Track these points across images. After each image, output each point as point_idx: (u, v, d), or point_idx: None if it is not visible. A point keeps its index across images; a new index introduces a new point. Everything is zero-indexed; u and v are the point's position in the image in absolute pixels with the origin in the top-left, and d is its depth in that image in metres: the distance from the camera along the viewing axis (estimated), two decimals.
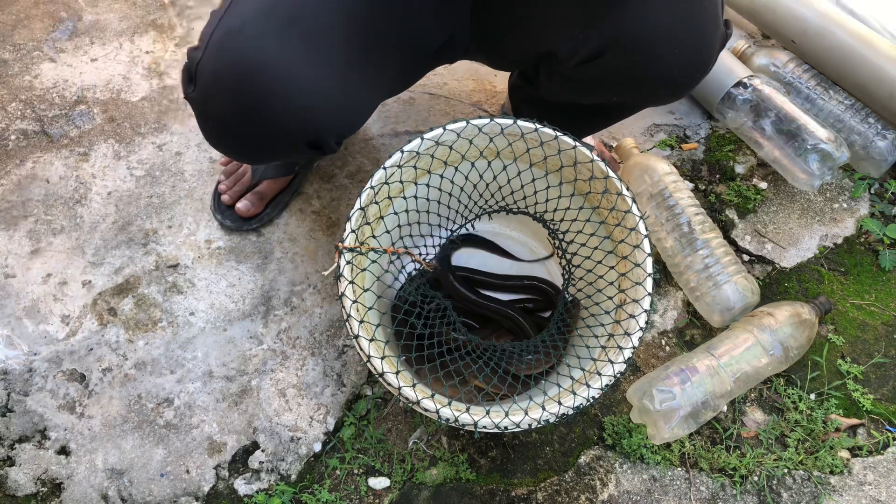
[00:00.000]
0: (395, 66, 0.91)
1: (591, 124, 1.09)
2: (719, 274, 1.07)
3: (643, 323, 0.84)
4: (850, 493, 0.99)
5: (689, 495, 0.99)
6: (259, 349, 1.08)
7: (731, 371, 0.99)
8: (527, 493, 0.98)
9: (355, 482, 0.99)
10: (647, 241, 0.87)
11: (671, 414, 0.95)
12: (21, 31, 1.41)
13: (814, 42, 1.28)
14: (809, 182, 1.18)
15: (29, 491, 0.97)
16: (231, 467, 1.00)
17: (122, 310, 1.10)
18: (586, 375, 0.86)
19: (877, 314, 1.14)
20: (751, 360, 1.00)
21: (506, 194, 1.00)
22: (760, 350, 1.01)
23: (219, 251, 1.16)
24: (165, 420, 1.02)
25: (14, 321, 1.09)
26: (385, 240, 0.95)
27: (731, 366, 0.99)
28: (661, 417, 0.95)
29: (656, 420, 0.96)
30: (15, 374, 1.04)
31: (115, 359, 1.06)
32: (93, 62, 1.37)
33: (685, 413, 0.96)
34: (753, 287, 1.08)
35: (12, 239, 1.16)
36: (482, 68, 1.41)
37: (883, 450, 1.03)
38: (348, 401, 1.05)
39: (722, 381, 0.98)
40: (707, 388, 0.97)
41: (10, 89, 1.33)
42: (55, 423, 1.01)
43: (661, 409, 0.95)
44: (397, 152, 0.86)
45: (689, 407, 0.96)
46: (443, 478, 0.99)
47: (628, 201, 0.88)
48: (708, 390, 0.97)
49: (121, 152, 1.26)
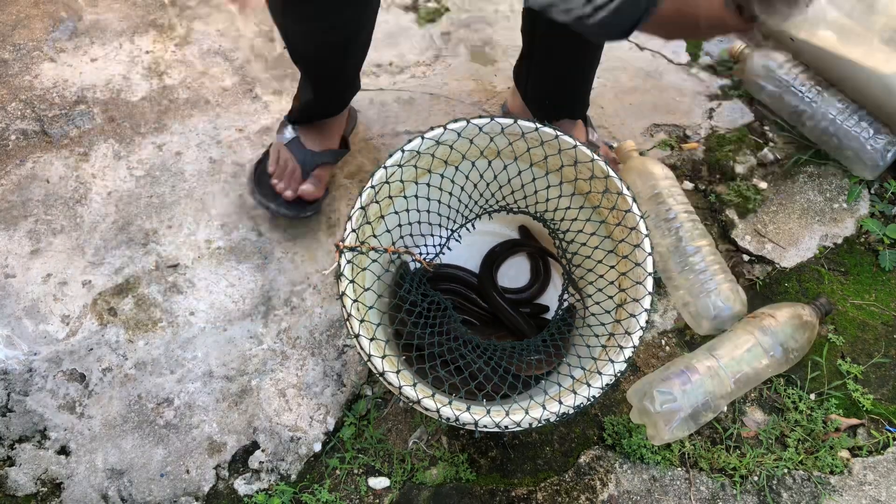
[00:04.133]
0: None
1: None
2: (707, 282, 1.07)
3: (644, 322, 0.84)
4: (850, 493, 0.99)
5: (689, 495, 0.98)
6: (259, 349, 1.08)
7: (731, 372, 0.99)
8: (527, 493, 0.98)
9: (355, 482, 0.99)
10: (648, 241, 0.87)
11: (671, 415, 0.95)
12: (21, 31, 1.41)
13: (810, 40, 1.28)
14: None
15: (29, 491, 0.96)
16: (231, 467, 0.99)
17: (122, 310, 1.10)
18: (587, 374, 0.86)
19: (877, 314, 1.14)
20: (751, 362, 1.00)
21: (506, 194, 1.00)
22: (761, 351, 1.01)
23: (219, 251, 1.16)
24: (165, 420, 1.02)
25: (14, 321, 1.09)
26: (385, 239, 0.95)
27: (732, 367, 0.99)
28: (662, 418, 0.95)
29: (657, 421, 0.96)
30: (15, 374, 1.04)
31: (115, 359, 1.06)
32: (93, 62, 1.37)
33: (685, 414, 0.96)
34: (740, 297, 1.08)
35: (12, 239, 1.16)
36: (482, 68, 1.41)
37: (883, 450, 1.03)
38: (348, 401, 1.05)
39: (722, 383, 0.98)
40: (707, 389, 0.97)
41: (10, 89, 1.33)
42: (55, 423, 1.01)
43: (662, 411, 0.95)
44: (398, 151, 0.86)
45: (690, 408, 0.96)
46: (443, 478, 0.99)
47: (629, 200, 0.88)
48: (708, 391, 0.97)
49: (121, 152, 1.26)
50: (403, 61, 1.42)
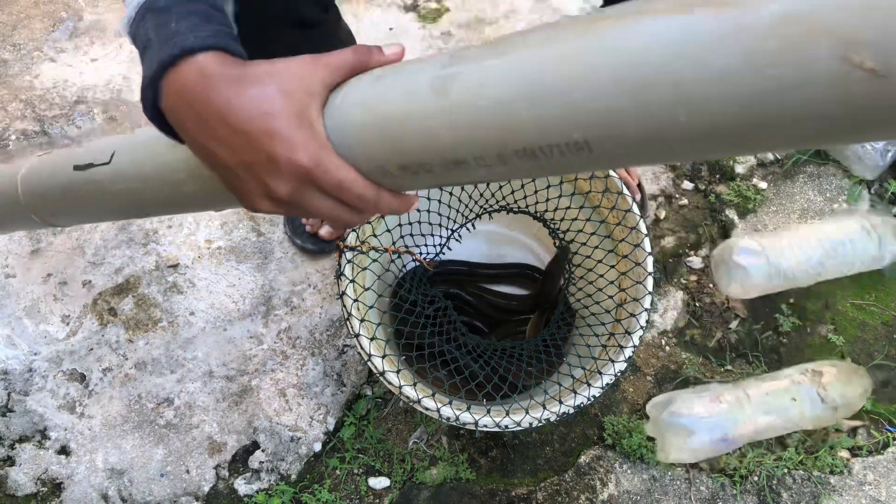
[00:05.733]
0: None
1: None
2: None
3: (644, 322, 0.84)
4: (850, 493, 0.99)
5: (689, 495, 0.98)
6: (259, 349, 1.08)
7: (760, 411, 0.91)
8: (527, 493, 0.98)
9: (355, 482, 0.99)
10: (648, 240, 0.87)
11: (685, 440, 0.90)
12: (21, 31, 1.41)
13: None
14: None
15: (29, 491, 0.96)
16: (231, 467, 0.99)
17: (122, 310, 1.10)
18: (587, 374, 0.86)
19: (877, 314, 1.15)
20: (783, 412, 0.92)
21: (506, 193, 1.00)
22: (797, 403, 0.92)
23: (219, 251, 1.16)
24: (165, 420, 1.02)
25: (14, 321, 1.09)
26: (385, 239, 0.95)
27: (762, 407, 0.91)
28: (675, 440, 0.90)
29: (670, 442, 0.91)
30: (15, 374, 1.04)
31: (115, 359, 1.06)
32: (93, 62, 1.37)
33: (699, 444, 0.90)
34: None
35: (12, 239, 1.16)
36: None
37: (883, 450, 1.03)
38: (348, 401, 1.05)
39: (747, 422, 0.91)
40: (729, 422, 0.90)
41: (10, 89, 1.33)
42: (55, 423, 1.01)
43: (678, 433, 0.90)
44: None
45: (707, 438, 0.90)
46: (443, 478, 0.99)
47: (629, 200, 0.88)
48: (729, 425, 0.90)
49: None
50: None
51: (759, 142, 0.37)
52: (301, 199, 0.47)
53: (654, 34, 0.36)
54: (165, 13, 0.46)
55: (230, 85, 0.44)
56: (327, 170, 0.45)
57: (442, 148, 0.43)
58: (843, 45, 0.31)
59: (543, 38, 0.40)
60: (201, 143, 0.46)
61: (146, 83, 0.46)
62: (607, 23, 0.38)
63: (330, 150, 0.46)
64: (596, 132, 0.38)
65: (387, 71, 0.49)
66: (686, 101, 0.36)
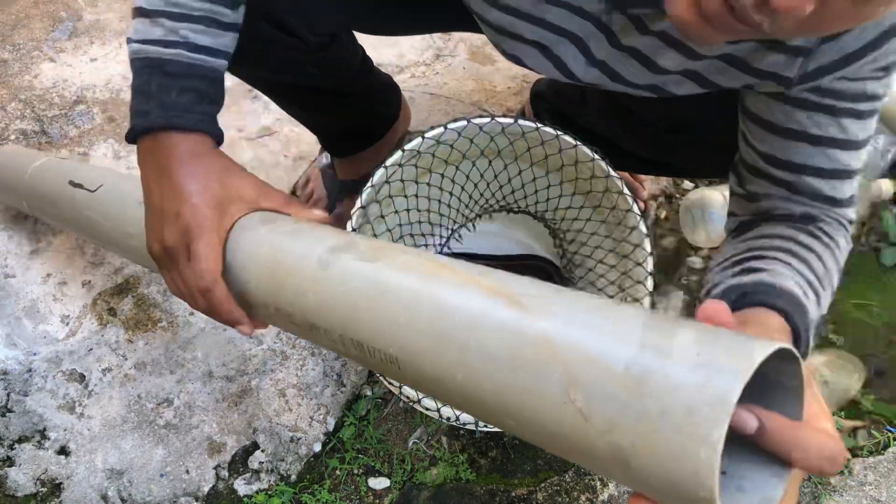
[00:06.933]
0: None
1: (622, 165, 0.98)
2: None
3: None
4: (850, 493, 0.99)
5: None
6: (259, 349, 1.08)
7: None
8: (527, 493, 0.98)
9: (355, 482, 0.99)
10: (648, 241, 0.87)
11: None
12: (21, 31, 1.41)
13: None
14: None
15: (29, 491, 0.96)
16: (231, 467, 0.99)
17: (122, 310, 1.10)
18: None
19: (877, 314, 1.15)
20: None
21: (507, 193, 1.00)
22: None
23: None
24: (165, 420, 1.02)
25: (14, 321, 1.08)
26: (385, 239, 0.95)
27: None
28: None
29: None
30: (15, 374, 1.04)
31: (114, 359, 1.06)
32: (92, 62, 1.37)
33: None
34: None
35: (12, 239, 1.16)
36: (482, 68, 1.41)
37: (883, 450, 1.03)
38: (348, 401, 1.05)
39: None
40: None
41: (9, 89, 1.33)
42: (55, 423, 1.01)
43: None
44: (398, 151, 0.86)
45: None
46: (443, 478, 0.99)
47: (629, 200, 0.88)
48: None
49: (120, 152, 1.26)
50: (403, 61, 1.42)
51: (504, 426, 0.43)
52: (175, 254, 0.58)
53: (465, 301, 0.44)
54: (172, 78, 0.58)
55: (193, 162, 0.58)
56: (207, 244, 0.57)
57: (305, 308, 0.53)
58: (568, 378, 0.37)
59: (407, 264, 0.50)
60: (147, 179, 0.60)
61: (137, 130, 0.59)
62: (449, 277, 0.47)
63: (219, 238, 0.58)
64: (404, 355, 0.46)
65: (304, 229, 0.60)
66: (463, 364, 0.42)
